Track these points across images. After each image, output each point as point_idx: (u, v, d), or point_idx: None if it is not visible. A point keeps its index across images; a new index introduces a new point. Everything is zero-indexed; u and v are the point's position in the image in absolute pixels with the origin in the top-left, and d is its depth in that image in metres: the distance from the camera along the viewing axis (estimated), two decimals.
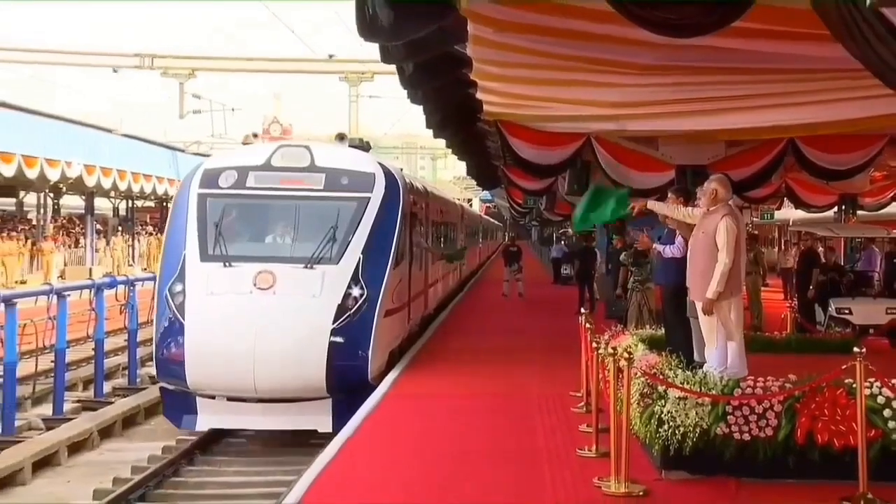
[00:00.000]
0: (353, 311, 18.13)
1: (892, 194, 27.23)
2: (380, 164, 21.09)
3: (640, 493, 11.24)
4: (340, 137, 22.37)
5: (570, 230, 57.73)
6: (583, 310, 19.39)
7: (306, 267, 18.30)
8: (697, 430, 11.78)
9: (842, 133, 17.13)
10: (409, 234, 22.46)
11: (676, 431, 11.81)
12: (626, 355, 12.33)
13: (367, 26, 11.72)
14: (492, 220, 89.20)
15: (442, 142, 34.09)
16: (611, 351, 12.89)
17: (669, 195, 15.93)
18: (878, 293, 26.25)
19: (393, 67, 16.88)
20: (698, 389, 12.06)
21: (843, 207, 28.75)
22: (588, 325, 16.26)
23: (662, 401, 12.17)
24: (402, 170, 26.68)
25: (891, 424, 11.44)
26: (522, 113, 16.40)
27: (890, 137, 17.49)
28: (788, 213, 34.76)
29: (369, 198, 19.32)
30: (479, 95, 14.46)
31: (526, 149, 18.19)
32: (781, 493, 11.28)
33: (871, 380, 11.43)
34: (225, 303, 17.86)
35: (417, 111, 21.71)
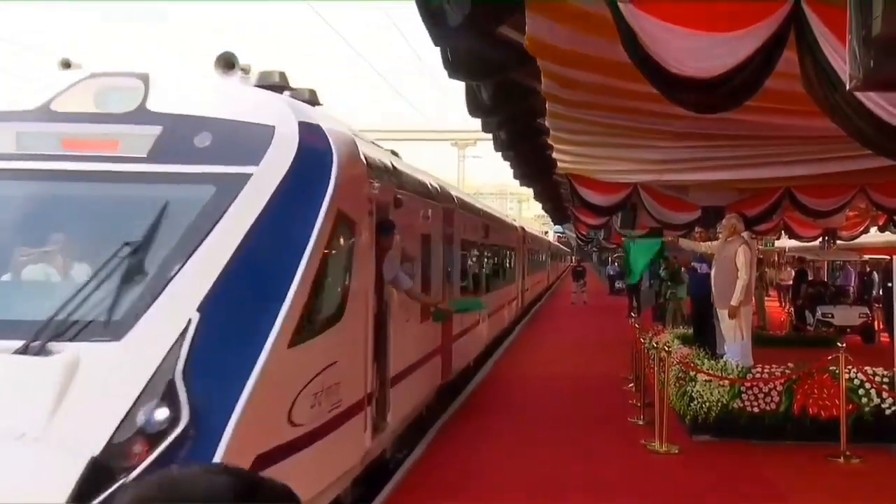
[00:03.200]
0: (136, 470, 5.44)
1: (862, 228, 26.84)
2: (302, 118, 7.87)
3: (676, 451, 11.22)
4: (227, 64, 8.27)
5: (622, 255, 57.28)
6: (632, 314, 19.25)
7: (23, 351, 5.94)
8: (719, 404, 11.85)
9: (825, 183, 16.90)
10: (367, 259, 9.05)
11: (703, 405, 11.89)
12: (665, 348, 12.40)
13: (475, 105, 11.90)
14: (562, 246, 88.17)
15: (526, 189, 34.04)
16: (654, 345, 12.92)
17: (696, 230, 15.99)
18: (853, 302, 26.24)
19: (491, 135, 16.91)
20: (720, 374, 12.15)
21: (826, 238, 28.29)
22: (636, 326, 16.25)
23: (693, 382, 12.26)
24: (375, 145, 11.26)
25: (864, 400, 11.61)
26: (586, 168, 16.28)
27: (860, 187, 17.21)
28: (785, 242, 34.32)
29: (247, 177, 7.10)
30: (554, 155, 14.39)
31: (589, 194, 18.04)
32: (782, 451, 11.23)
33: (850, 367, 11.54)
34: None
35: (508, 166, 21.63)
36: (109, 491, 5.15)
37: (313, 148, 7.59)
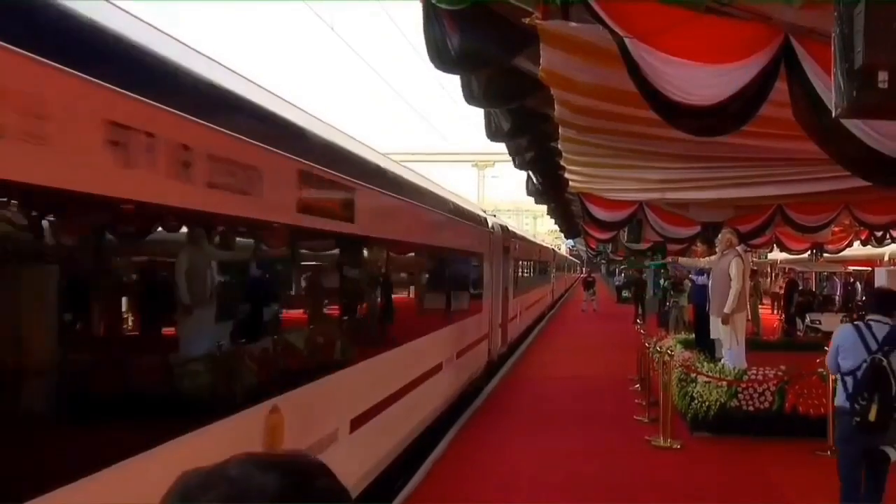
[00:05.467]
0: None
1: (847, 242, 26.81)
2: None
3: (678, 447, 11.21)
4: None
5: (628, 267, 57.18)
6: (638, 321, 19.24)
7: None
8: (717, 403, 11.84)
9: (813, 202, 16.87)
10: None
11: (703, 405, 11.89)
12: (668, 352, 12.43)
13: (493, 132, 11.97)
14: (573, 258, 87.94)
15: (540, 206, 34.04)
16: (658, 349, 12.93)
17: (698, 244, 15.99)
18: (839, 309, 26.32)
19: (510, 157, 16.92)
20: (718, 376, 12.13)
21: (814, 251, 28.23)
22: (642, 331, 16.25)
23: (694, 383, 12.26)
24: None
25: None
26: (596, 187, 16.29)
27: (845, 205, 17.17)
28: (777, 254, 34.28)
29: None
30: (566, 175, 14.43)
31: (598, 211, 18.04)
32: (775, 446, 11.20)
33: None
34: None
35: (524, 184, 21.61)
36: None
37: None
